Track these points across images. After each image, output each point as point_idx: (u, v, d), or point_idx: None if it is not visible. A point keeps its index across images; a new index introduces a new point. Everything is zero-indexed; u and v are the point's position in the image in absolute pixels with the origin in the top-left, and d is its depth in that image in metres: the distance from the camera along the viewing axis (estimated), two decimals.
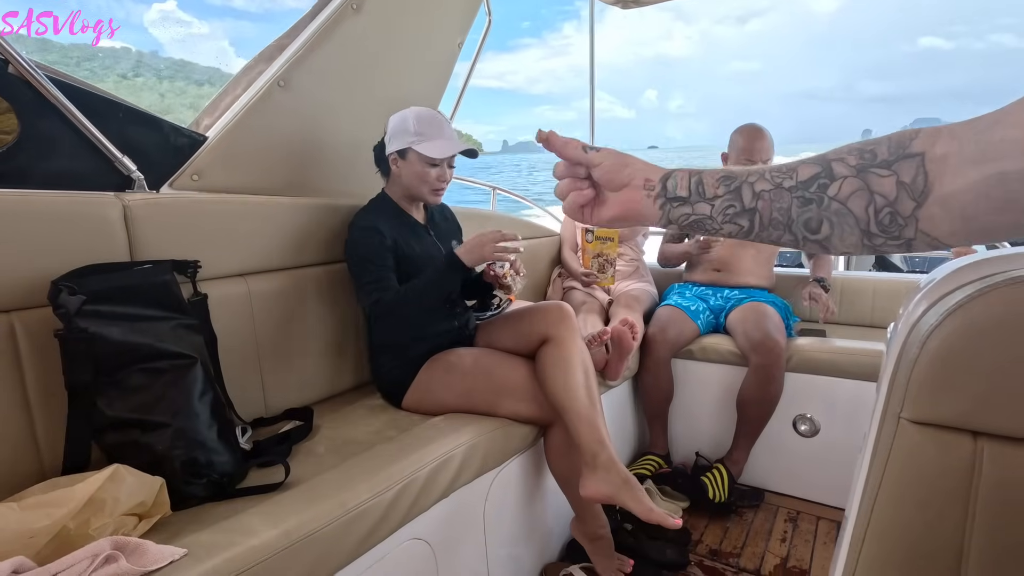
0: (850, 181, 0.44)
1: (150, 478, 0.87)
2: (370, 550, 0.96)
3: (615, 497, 1.16)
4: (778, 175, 0.47)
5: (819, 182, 0.45)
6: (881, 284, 2.11)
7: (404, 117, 1.35)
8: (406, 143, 1.34)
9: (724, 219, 0.50)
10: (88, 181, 1.13)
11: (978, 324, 0.42)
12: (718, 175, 0.51)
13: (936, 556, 0.45)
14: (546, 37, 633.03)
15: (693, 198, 0.51)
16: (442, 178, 1.38)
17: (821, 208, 0.45)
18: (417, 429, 1.22)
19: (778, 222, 0.48)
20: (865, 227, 0.44)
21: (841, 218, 0.45)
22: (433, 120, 1.35)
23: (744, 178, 0.49)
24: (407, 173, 1.37)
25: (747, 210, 0.49)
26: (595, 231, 1.96)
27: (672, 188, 0.52)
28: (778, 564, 1.55)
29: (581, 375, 1.27)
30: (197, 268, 1.17)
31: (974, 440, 0.42)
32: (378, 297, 1.28)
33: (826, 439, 1.79)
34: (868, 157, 0.44)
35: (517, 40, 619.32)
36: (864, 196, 0.44)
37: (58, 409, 0.97)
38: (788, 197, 0.47)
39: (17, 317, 0.94)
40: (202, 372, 1.02)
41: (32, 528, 0.73)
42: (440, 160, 1.35)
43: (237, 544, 0.79)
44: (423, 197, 1.41)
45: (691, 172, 0.52)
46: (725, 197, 0.49)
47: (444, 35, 1.79)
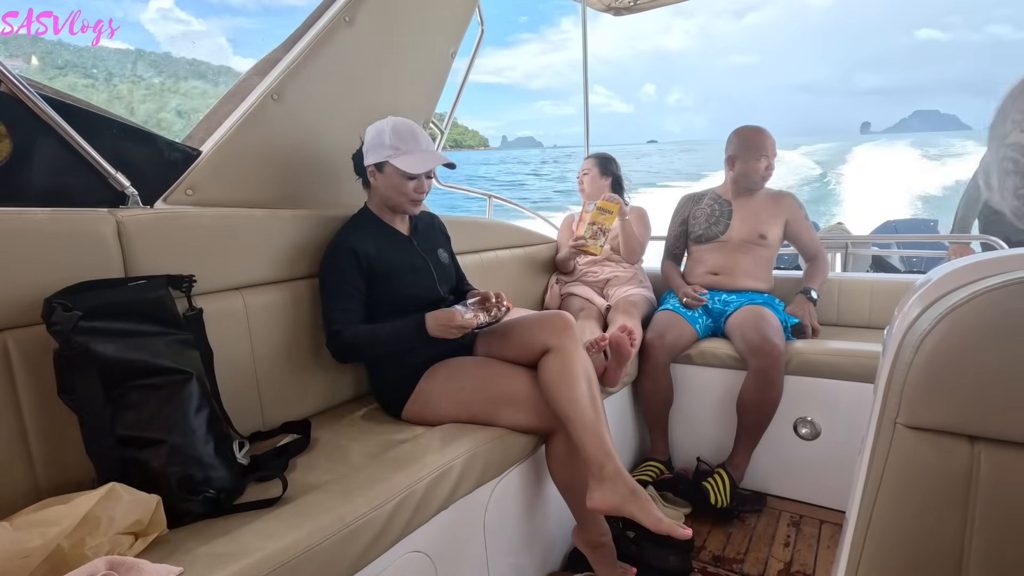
0: None
1: (146, 496, 0.87)
2: (369, 564, 0.96)
3: (623, 508, 1.14)
4: None
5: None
6: (879, 285, 2.12)
7: (380, 130, 1.35)
8: (383, 156, 1.34)
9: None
10: (82, 198, 1.13)
11: (973, 327, 0.41)
12: None
13: (937, 560, 0.44)
14: (544, 32, 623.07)
15: None
16: (419, 190, 1.39)
17: None
18: (416, 440, 1.21)
19: None
20: None
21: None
22: (410, 133, 1.35)
23: None
24: (384, 186, 1.38)
25: None
26: (598, 203, 2.01)
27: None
28: (782, 569, 1.53)
29: (585, 385, 1.26)
30: (192, 283, 1.16)
31: (971, 444, 0.42)
32: (338, 329, 1.31)
33: (827, 441, 1.79)
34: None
35: (515, 35, 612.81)
36: None
37: (53, 428, 0.97)
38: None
39: (11, 335, 0.94)
40: (198, 387, 1.02)
41: (26, 548, 0.72)
42: (417, 174, 1.36)
43: (234, 562, 0.79)
44: (402, 208, 1.41)
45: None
46: None
47: (437, 45, 1.80)
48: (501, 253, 2.14)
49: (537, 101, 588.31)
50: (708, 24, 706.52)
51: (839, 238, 2.94)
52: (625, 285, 2.20)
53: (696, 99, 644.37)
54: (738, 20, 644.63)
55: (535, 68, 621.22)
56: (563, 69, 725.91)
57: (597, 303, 2.13)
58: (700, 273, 2.12)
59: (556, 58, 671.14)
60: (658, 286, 2.30)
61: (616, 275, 2.24)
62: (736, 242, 2.06)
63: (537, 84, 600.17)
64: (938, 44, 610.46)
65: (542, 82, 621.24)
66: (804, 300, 1.99)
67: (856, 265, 2.99)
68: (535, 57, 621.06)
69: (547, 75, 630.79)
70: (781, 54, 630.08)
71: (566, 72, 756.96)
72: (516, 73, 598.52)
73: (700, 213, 2.16)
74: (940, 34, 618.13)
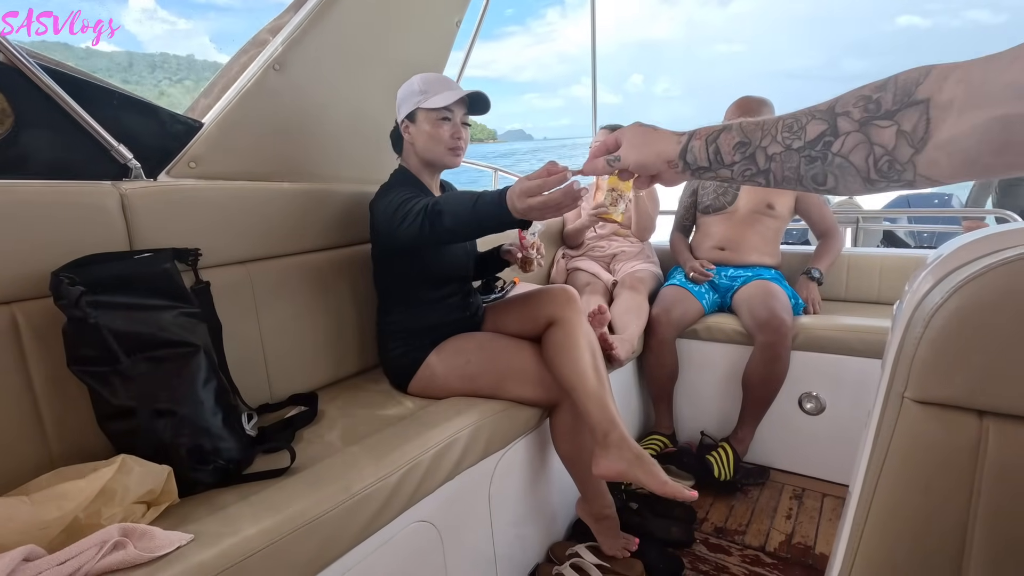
0: (852, 136, 0.48)
1: (157, 467, 0.88)
2: (376, 533, 0.97)
3: (628, 473, 1.15)
4: (788, 135, 0.53)
5: (824, 140, 0.50)
6: (888, 260, 2.09)
7: (410, 82, 1.33)
8: (413, 105, 1.31)
9: (743, 179, 0.58)
10: (84, 170, 1.12)
11: (984, 301, 0.40)
12: (733, 141, 0.57)
13: (940, 533, 0.44)
14: (530, 24, 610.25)
15: (714, 166, 0.59)
16: (457, 135, 1.32)
17: (825, 164, 0.50)
18: (421, 412, 1.23)
19: (789, 179, 0.54)
20: (866, 175, 0.48)
21: (843, 171, 0.49)
22: (439, 79, 1.32)
23: (757, 143, 0.55)
24: (420, 137, 1.32)
25: (761, 171, 0.56)
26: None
27: (692, 160, 0.60)
28: (783, 541, 1.56)
29: (588, 355, 1.27)
30: (198, 256, 1.16)
31: (979, 419, 0.42)
32: (426, 202, 1.16)
33: (832, 417, 1.79)
34: (872, 108, 0.47)
35: (501, 28, 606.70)
36: (864, 148, 0.48)
37: (64, 398, 0.98)
38: (796, 158, 0.52)
39: (19, 308, 0.95)
40: (205, 360, 1.03)
41: (43, 520, 0.74)
42: (449, 111, 1.30)
43: (244, 529, 0.80)
44: (441, 160, 1.34)
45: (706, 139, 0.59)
46: (742, 163, 0.56)
47: (442, 13, 1.76)
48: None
49: (525, 94, 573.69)
50: (694, 13, 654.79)
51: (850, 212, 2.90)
52: (632, 260, 2.19)
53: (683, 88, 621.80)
54: (723, 8, 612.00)
55: (522, 61, 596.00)
56: (550, 61, 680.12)
57: (603, 278, 2.12)
58: (707, 247, 2.10)
59: (542, 50, 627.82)
60: (665, 261, 2.29)
61: (623, 250, 2.23)
62: (744, 213, 2.04)
63: (524, 77, 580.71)
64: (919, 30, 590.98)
65: (529, 75, 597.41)
66: (806, 281, 1.97)
67: (867, 240, 2.95)
68: (522, 50, 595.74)
69: (534, 68, 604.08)
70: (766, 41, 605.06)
71: (552, 64, 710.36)
72: (503, 66, 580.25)
73: (709, 184, 2.13)
74: (920, 20, 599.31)
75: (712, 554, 1.51)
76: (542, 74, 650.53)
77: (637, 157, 0.66)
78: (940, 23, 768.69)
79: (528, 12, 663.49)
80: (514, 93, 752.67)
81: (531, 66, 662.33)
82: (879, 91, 0.47)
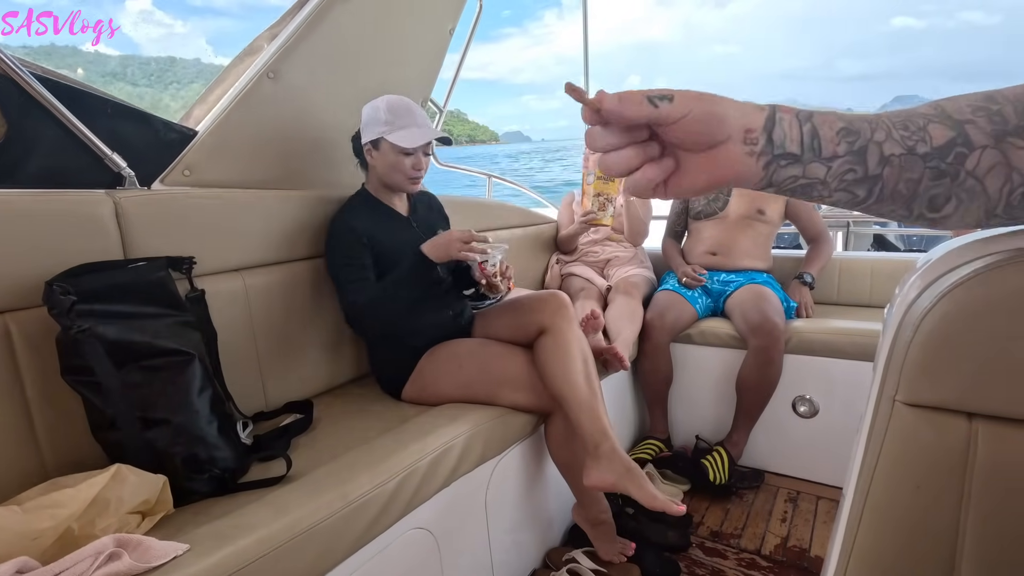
0: (989, 153, 0.36)
1: (152, 476, 0.88)
2: (372, 540, 0.97)
3: (618, 485, 1.16)
4: (908, 135, 0.38)
5: (956, 151, 0.37)
6: (879, 264, 2.11)
7: (375, 107, 1.33)
8: (378, 133, 1.32)
9: (838, 185, 0.39)
10: (78, 179, 1.12)
11: (973, 304, 0.41)
12: (836, 125, 0.39)
13: (932, 535, 0.45)
14: (527, 26, 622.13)
15: (806, 156, 0.39)
16: (417, 166, 1.36)
17: (955, 184, 0.37)
18: (417, 420, 1.22)
19: (900, 195, 0.39)
20: (992, 207, 0.37)
21: (972, 196, 0.37)
22: (405, 108, 1.33)
23: (870, 135, 0.39)
24: (381, 163, 1.36)
25: (870, 177, 0.39)
26: (595, 171, 1.93)
27: (780, 141, 0.39)
28: (779, 544, 1.56)
29: (580, 364, 1.27)
30: (192, 264, 1.16)
31: (969, 421, 0.42)
32: (353, 300, 1.28)
33: (825, 419, 1.80)
34: (998, 121, 0.36)
35: (499, 30, 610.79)
36: (1002, 172, 0.36)
37: (57, 408, 0.97)
38: (921, 167, 0.38)
39: (12, 318, 0.94)
40: (200, 368, 1.02)
41: (36, 529, 0.73)
42: (413, 149, 1.34)
43: (240, 538, 0.80)
44: (400, 186, 1.39)
45: (798, 114, 0.40)
46: (846, 159, 0.39)
47: (435, 21, 1.77)
48: (501, 233, 2.13)
49: (522, 95, 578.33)
50: (691, 15, 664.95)
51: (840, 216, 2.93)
52: (626, 265, 2.20)
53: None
54: (720, 10, 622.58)
55: (519, 63, 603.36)
56: (547, 63, 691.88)
57: (598, 283, 2.13)
58: (699, 252, 2.12)
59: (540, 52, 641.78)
60: (659, 266, 2.30)
61: (617, 255, 2.24)
62: (735, 218, 2.05)
63: (522, 79, 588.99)
64: (913, 31, 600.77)
65: (526, 76, 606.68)
66: (798, 285, 1.99)
67: (858, 244, 2.98)
68: (519, 51, 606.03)
69: (531, 69, 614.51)
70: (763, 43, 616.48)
71: (550, 66, 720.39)
72: (500, 68, 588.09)
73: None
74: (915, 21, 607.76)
75: (708, 558, 1.52)
76: (540, 76, 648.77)
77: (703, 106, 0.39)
78: (935, 24, 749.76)
79: (525, 14, 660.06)
80: (512, 95, 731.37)
81: (529, 68, 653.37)
82: (994, 103, 0.36)
